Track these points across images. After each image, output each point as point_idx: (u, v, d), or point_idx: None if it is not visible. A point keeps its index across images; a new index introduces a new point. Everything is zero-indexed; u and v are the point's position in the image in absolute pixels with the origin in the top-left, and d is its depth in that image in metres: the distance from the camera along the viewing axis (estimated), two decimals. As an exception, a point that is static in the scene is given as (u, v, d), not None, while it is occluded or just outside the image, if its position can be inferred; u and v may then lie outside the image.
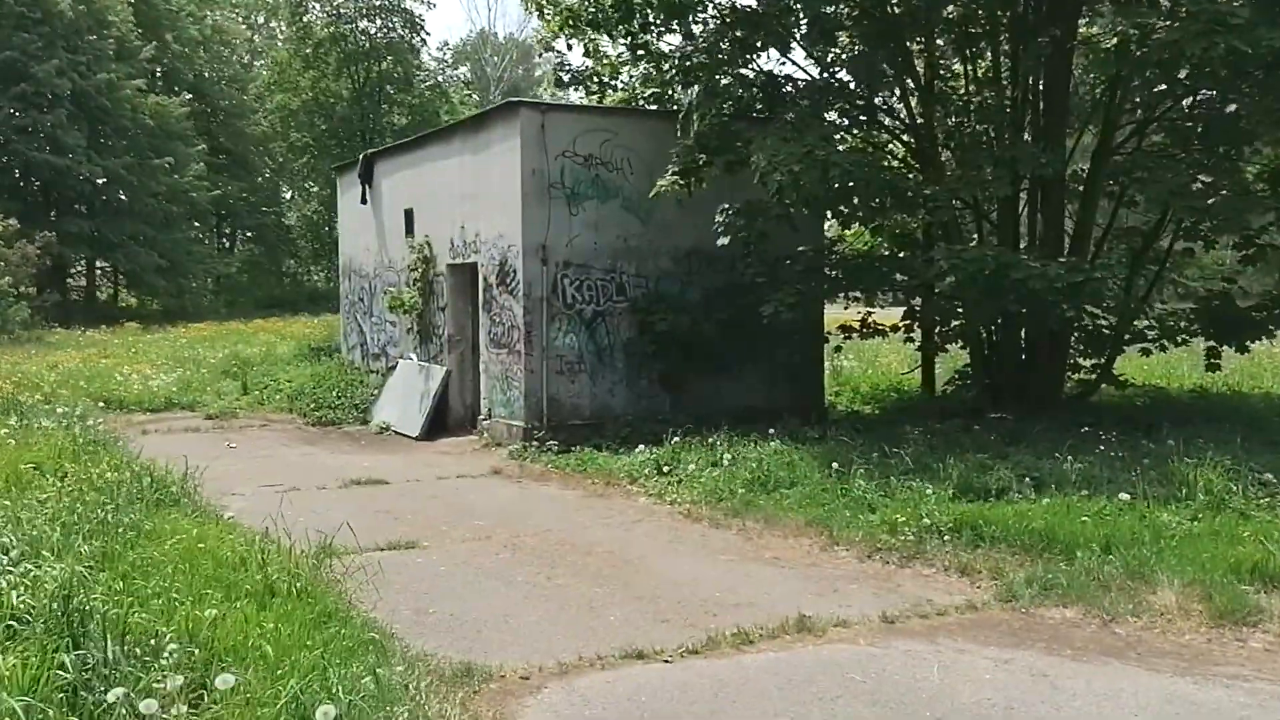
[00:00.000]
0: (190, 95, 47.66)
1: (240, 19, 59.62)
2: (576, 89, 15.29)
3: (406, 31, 51.26)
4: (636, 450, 11.63)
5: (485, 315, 14.00)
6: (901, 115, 15.12)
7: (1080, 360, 14.31)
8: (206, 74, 51.51)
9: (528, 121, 12.98)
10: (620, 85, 15.47)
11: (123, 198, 39.71)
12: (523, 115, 13.01)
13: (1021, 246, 13.60)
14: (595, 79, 15.19)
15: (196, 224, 46.53)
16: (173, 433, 14.81)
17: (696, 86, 13.13)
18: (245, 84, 54.16)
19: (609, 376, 13.58)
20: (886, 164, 14.21)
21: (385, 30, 50.47)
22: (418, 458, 12.89)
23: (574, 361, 13.37)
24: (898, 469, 9.65)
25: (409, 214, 16.20)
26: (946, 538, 7.84)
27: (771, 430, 11.62)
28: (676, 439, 11.57)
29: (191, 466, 9.31)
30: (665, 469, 10.67)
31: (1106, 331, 13.80)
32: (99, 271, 43.89)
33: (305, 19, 49.03)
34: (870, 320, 14.56)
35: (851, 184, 11.40)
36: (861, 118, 14.27)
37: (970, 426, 11.83)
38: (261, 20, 61.05)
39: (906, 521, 8.08)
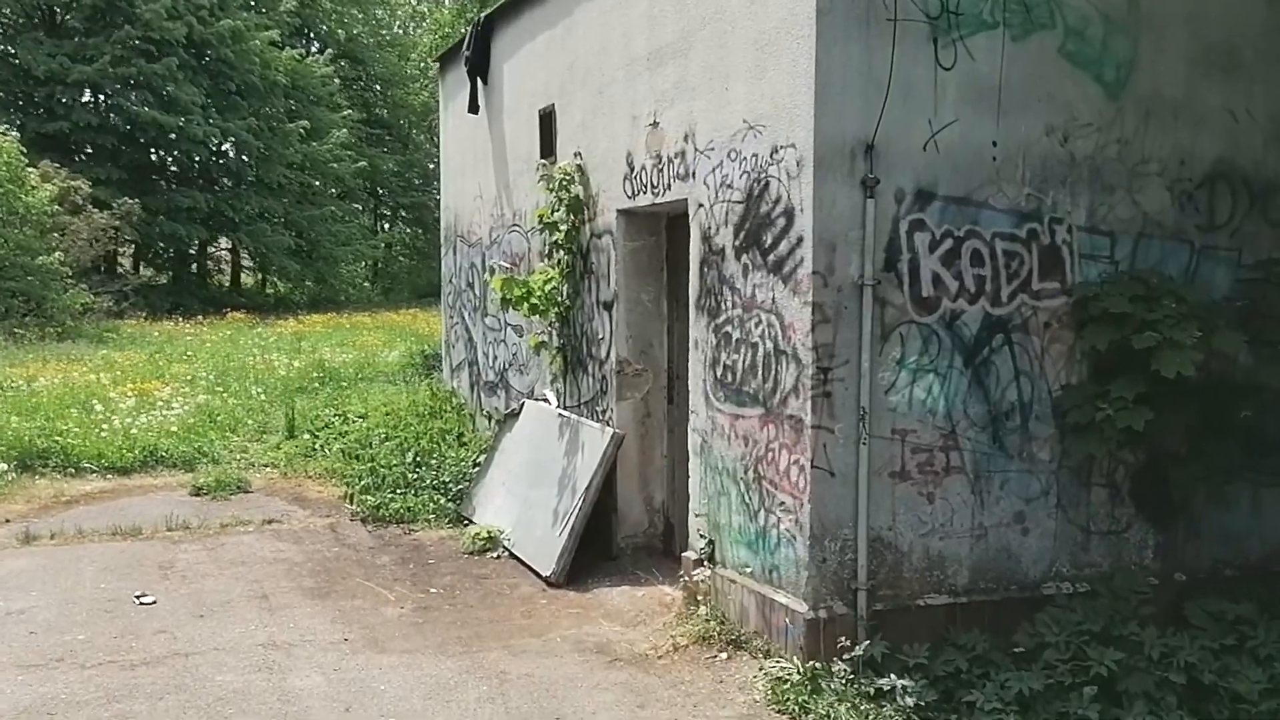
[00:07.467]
0: (341, 57, 42.56)
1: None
2: None
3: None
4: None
5: (702, 321, 5.99)
6: None
7: None
8: (364, 38, 46.26)
9: None
10: None
11: (250, 166, 33.89)
12: None
13: None
14: None
15: (343, 200, 40.65)
16: (82, 540, 7.51)
17: None
18: (406, 50, 48.81)
19: (1015, 481, 5.37)
20: None
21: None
22: (522, 685, 5.02)
23: (934, 444, 5.21)
24: None
25: (547, 118, 8.23)
26: None
27: None
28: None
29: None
30: None
31: None
32: (236, 252, 38.50)
33: (470, -21, 42.87)
34: None
35: None
36: None
37: None
38: (428, -12, 55.64)
39: None
